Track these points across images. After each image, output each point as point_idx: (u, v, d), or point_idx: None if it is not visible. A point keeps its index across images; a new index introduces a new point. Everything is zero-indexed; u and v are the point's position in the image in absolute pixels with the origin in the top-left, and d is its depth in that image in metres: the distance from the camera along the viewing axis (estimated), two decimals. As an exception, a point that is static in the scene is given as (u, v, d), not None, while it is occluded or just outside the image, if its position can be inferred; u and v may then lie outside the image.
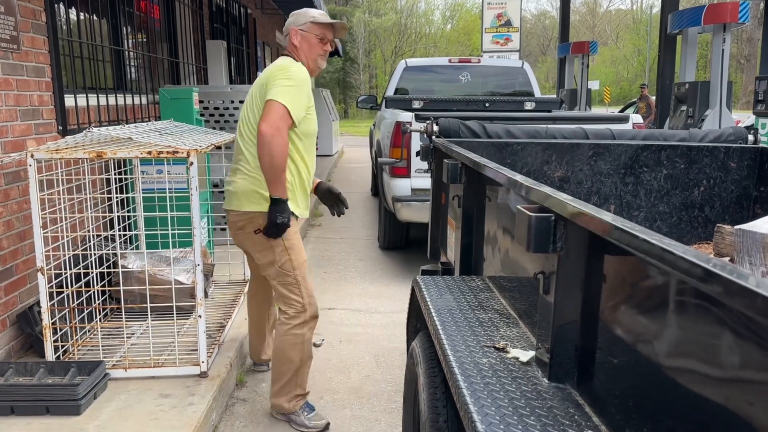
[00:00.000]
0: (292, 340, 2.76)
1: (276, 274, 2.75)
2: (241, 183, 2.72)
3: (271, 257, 2.73)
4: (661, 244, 0.87)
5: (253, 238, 2.73)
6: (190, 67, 6.61)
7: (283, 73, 2.65)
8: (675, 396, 0.95)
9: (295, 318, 2.76)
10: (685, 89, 8.40)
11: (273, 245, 2.70)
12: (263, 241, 2.70)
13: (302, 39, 2.79)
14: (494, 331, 1.62)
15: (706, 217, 2.88)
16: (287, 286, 2.75)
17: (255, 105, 2.70)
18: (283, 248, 2.71)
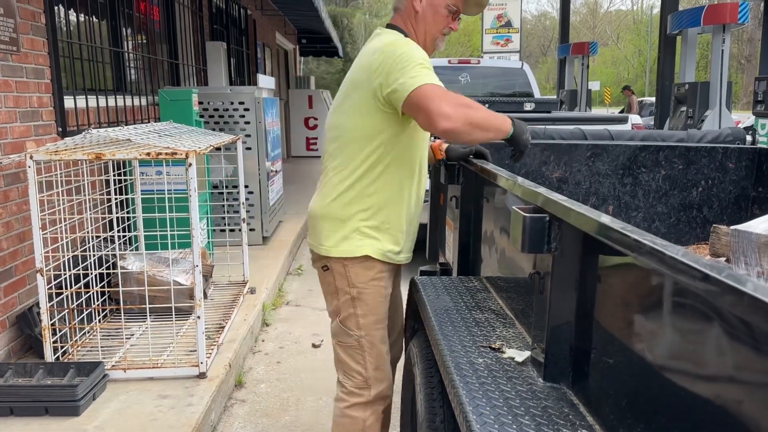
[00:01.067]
0: (349, 425, 2.08)
1: (336, 331, 2.08)
2: (315, 204, 2.06)
3: (335, 305, 2.06)
4: (653, 244, 0.87)
5: (320, 275, 2.10)
6: (189, 68, 6.62)
7: (400, 53, 1.84)
8: (669, 396, 0.95)
9: (353, 395, 2.07)
10: (685, 90, 8.40)
11: (338, 289, 2.03)
12: (330, 282, 2.05)
13: (428, 4, 1.99)
14: (490, 332, 1.62)
15: (705, 217, 2.88)
16: (347, 350, 2.06)
17: (349, 104, 1.98)
18: (350, 297, 2.02)
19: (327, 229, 2.01)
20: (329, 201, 2.00)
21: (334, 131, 2.03)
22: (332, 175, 2.01)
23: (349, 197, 1.98)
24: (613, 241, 1.00)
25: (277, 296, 4.66)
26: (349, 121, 1.98)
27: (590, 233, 1.09)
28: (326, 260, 2.03)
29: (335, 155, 2.01)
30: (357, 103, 1.96)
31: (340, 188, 1.98)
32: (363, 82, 1.93)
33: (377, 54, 1.90)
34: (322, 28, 13.05)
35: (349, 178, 1.98)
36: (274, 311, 4.39)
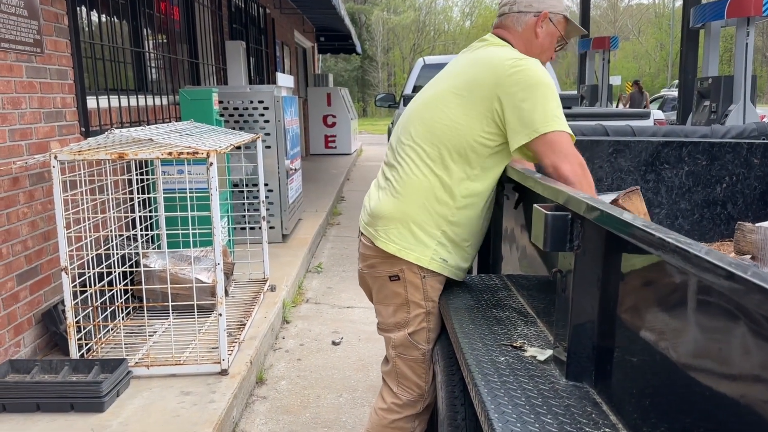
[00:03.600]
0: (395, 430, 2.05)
1: (402, 343, 1.99)
2: (387, 203, 1.93)
3: (402, 318, 1.97)
4: (677, 242, 0.86)
5: (384, 284, 1.97)
6: (209, 67, 6.67)
7: (529, 72, 1.80)
8: (693, 395, 0.94)
9: (407, 407, 2.03)
10: (708, 84, 8.27)
11: (410, 302, 1.94)
12: (399, 293, 1.95)
13: (547, 32, 1.97)
14: (512, 330, 1.62)
15: (729, 214, 2.84)
16: (410, 363, 2.00)
17: (470, 110, 1.85)
18: (424, 312, 1.95)
19: (410, 234, 1.90)
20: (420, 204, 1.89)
21: (435, 129, 1.89)
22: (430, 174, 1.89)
23: (437, 206, 1.88)
24: (636, 239, 0.99)
25: (297, 294, 4.69)
26: (460, 121, 1.85)
27: (613, 231, 1.08)
28: (398, 270, 1.92)
29: (425, 154, 1.89)
30: (475, 106, 1.84)
31: (438, 193, 1.88)
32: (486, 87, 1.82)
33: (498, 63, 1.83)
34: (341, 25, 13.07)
35: (437, 181, 1.88)
36: (294, 309, 4.41)
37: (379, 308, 2.04)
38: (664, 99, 16.86)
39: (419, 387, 2.01)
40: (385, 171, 2.02)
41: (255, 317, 3.70)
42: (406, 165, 1.93)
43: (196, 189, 3.83)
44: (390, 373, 2.06)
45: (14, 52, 3.04)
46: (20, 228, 3.07)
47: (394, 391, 2.05)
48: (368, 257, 1.99)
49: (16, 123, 3.05)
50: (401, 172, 1.93)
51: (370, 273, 2.00)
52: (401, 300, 1.95)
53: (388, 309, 2.00)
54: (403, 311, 1.96)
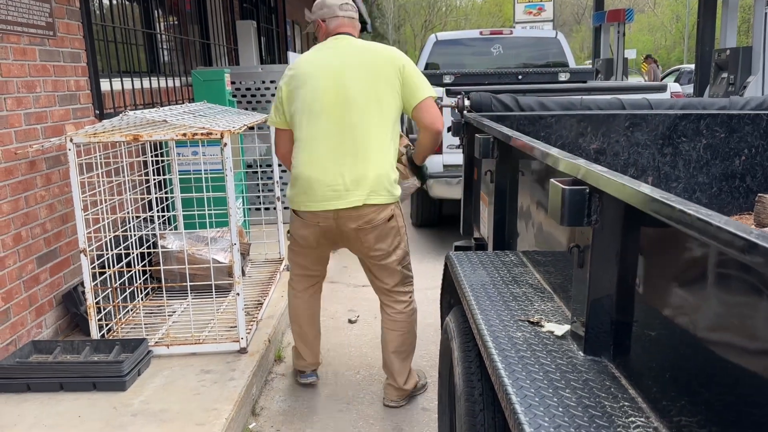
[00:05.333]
0: (415, 316, 2.82)
1: (402, 256, 2.73)
2: (373, 171, 2.56)
3: (398, 240, 2.69)
4: (698, 214, 0.85)
5: (384, 226, 2.62)
6: (221, 48, 6.65)
7: (409, 63, 2.66)
8: (713, 369, 0.94)
9: (412, 294, 2.81)
10: (726, 56, 8.13)
11: (399, 227, 2.69)
12: (394, 225, 2.66)
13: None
14: (528, 306, 1.61)
15: (748, 187, 2.80)
16: (407, 266, 2.76)
17: (390, 88, 2.58)
18: (404, 225, 2.76)
19: (389, 185, 2.61)
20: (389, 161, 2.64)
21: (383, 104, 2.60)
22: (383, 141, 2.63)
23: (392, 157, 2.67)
24: (655, 212, 0.98)
25: (312, 273, 4.71)
26: (392, 97, 2.61)
27: (632, 204, 1.07)
28: (391, 210, 2.62)
29: (382, 125, 2.61)
30: (393, 88, 2.61)
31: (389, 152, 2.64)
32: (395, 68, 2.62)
33: (400, 56, 2.67)
34: (351, 3, 12.93)
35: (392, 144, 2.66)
36: (310, 288, 4.44)
37: (381, 247, 2.66)
38: (681, 72, 16.60)
39: (412, 278, 2.82)
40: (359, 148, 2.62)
41: (272, 296, 3.73)
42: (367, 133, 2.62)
43: (210, 170, 3.85)
44: (399, 284, 2.75)
45: (27, 35, 3.05)
46: (38, 211, 3.10)
47: (404, 291, 2.77)
48: (379, 217, 2.59)
49: (31, 107, 3.07)
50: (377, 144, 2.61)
51: (379, 228, 2.61)
52: (396, 231, 2.68)
53: (387, 243, 2.66)
54: (397, 237, 2.70)
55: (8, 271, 2.87)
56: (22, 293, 2.96)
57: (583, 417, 1.08)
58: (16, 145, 2.94)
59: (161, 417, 2.46)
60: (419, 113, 2.63)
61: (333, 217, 2.56)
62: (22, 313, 2.95)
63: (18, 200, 2.95)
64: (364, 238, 2.62)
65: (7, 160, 2.87)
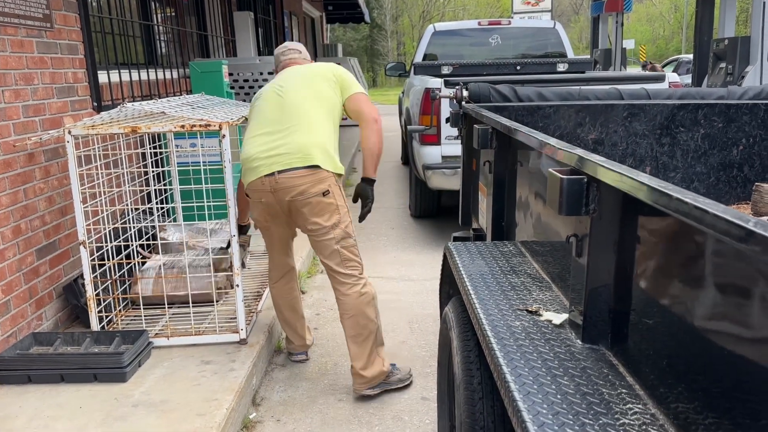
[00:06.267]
0: (366, 299, 2.78)
1: (341, 237, 2.73)
2: (310, 138, 2.69)
3: (336, 218, 2.71)
4: (696, 203, 0.86)
5: (319, 201, 2.67)
6: (218, 39, 6.63)
7: (345, 71, 2.94)
8: (710, 357, 0.95)
9: (360, 278, 2.79)
10: (724, 45, 8.11)
11: (339, 206, 2.71)
12: (331, 201, 2.69)
13: None
14: (527, 295, 1.63)
15: (745, 176, 2.81)
16: (349, 248, 2.77)
17: (326, 82, 2.82)
18: (347, 209, 2.76)
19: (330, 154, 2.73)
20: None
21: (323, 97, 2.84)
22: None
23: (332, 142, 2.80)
24: (653, 202, 0.99)
25: (312, 264, 4.72)
26: (327, 93, 2.84)
27: (630, 194, 1.08)
28: (327, 184, 2.66)
29: (322, 111, 2.81)
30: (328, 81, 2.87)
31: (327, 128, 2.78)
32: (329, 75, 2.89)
33: (331, 67, 2.93)
34: (349, -7, 12.90)
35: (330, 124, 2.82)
36: (309, 279, 4.45)
37: (316, 221, 2.70)
38: (679, 62, 16.57)
39: (359, 262, 2.81)
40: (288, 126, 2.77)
41: (271, 288, 3.74)
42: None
43: (209, 162, 3.85)
44: (339, 265, 2.77)
45: (24, 27, 3.04)
46: (37, 203, 3.10)
47: (345, 273, 2.77)
48: (305, 185, 2.64)
49: (29, 99, 3.06)
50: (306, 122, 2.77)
51: (305, 198, 2.66)
52: (334, 207, 2.71)
53: (323, 218, 2.70)
54: (336, 214, 2.71)
55: (8, 263, 2.87)
56: (22, 285, 2.97)
57: (581, 404, 1.09)
58: (15, 137, 2.94)
59: (162, 407, 2.47)
60: (352, 104, 2.83)
61: (270, 189, 2.67)
62: (22, 306, 2.96)
63: (17, 192, 2.95)
64: (299, 210, 2.69)
65: (5, 152, 2.87)
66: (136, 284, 3.29)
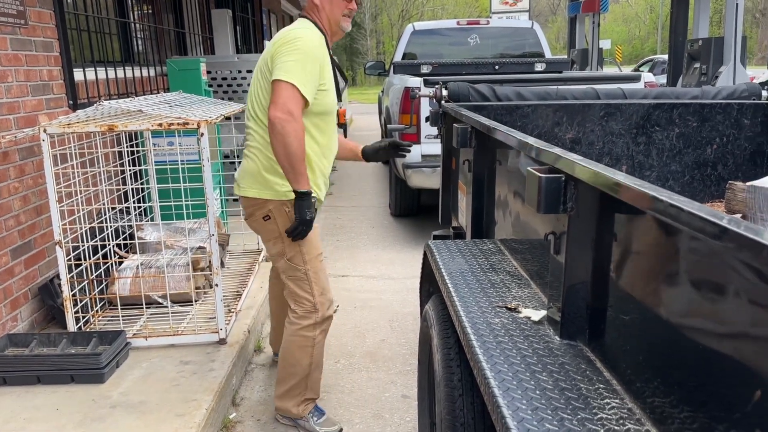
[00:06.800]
0: (301, 342, 2.48)
1: (285, 268, 2.45)
2: (246, 164, 2.44)
3: (280, 248, 2.43)
4: (670, 201, 0.88)
5: (262, 225, 2.44)
6: (196, 37, 6.57)
7: (289, 45, 2.26)
8: (685, 352, 0.97)
9: (304, 318, 2.47)
10: (699, 46, 8.25)
11: (282, 235, 2.40)
12: (273, 229, 2.41)
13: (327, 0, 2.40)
14: (506, 292, 1.64)
15: (719, 175, 2.87)
16: (297, 282, 2.45)
17: (263, 79, 2.35)
18: (298, 246, 2.42)
19: (269, 179, 2.38)
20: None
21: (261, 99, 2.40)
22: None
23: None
24: (629, 199, 1.00)
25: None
26: (266, 87, 2.35)
27: (606, 192, 1.10)
28: (267, 210, 2.38)
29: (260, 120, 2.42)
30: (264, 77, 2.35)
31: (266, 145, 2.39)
32: (268, 57, 2.34)
33: (283, 35, 2.33)
34: (328, -8, 12.85)
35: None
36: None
37: (266, 245, 2.51)
38: (654, 62, 16.80)
39: (309, 300, 2.46)
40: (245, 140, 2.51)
41: (251, 287, 3.72)
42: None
43: (186, 160, 3.81)
44: (288, 295, 2.51)
45: (-3, 24, 2.99)
46: (12, 203, 3.05)
47: (293, 307, 2.49)
48: (246, 208, 2.47)
49: (3, 97, 3.01)
50: (251, 138, 2.45)
51: (252, 220, 2.47)
52: (276, 234, 2.41)
53: (269, 244, 2.47)
54: (279, 242, 2.42)
55: (-19, 264, 2.82)
56: (-4, 286, 2.92)
57: (559, 399, 1.11)
58: (-12, 135, 2.89)
59: (140, 408, 2.45)
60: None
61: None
62: (-4, 307, 2.91)
63: (-10, 192, 2.90)
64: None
65: (-22, 151, 2.82)
66: (113, 284, 3.25)
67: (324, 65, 2.34)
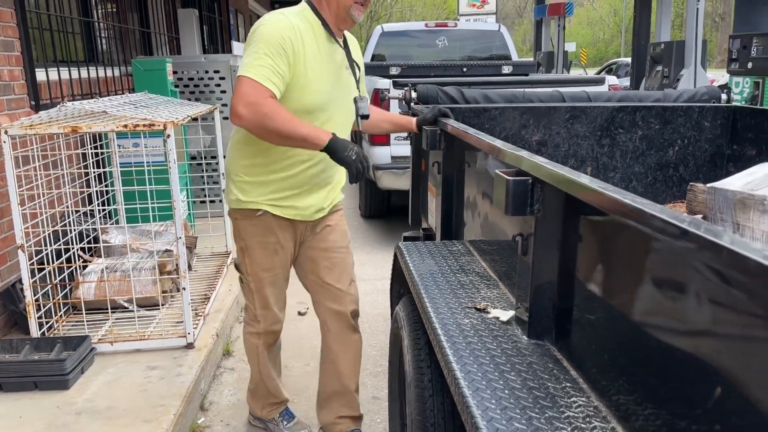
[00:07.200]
0: (248, 345, 2.49)
1: (242, 287, 2.44)
2: (228, 167, 2.33)
3: (239, 256, 2.38)
4: (633, 203, 0.90)
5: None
6: (162, 37, 6.48)
7: (249, 39, 2.03)
8: (649, 350, 0.99)
9: (248, 324, 2.46)
10: (661, 49, 8.44)
11: (235, 238, 2.34)
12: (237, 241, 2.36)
13: None
14: (475, 293, 1.66)
15: (681, 176, 2.94)
16: (242, 288, 2.44)
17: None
18: (240, 247, 2.34)
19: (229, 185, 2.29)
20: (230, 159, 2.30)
21: None
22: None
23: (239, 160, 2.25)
24: (593, 201, 1.03)
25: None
26: None
27: (571, 194, 1.12)
28: (234, 218, 2.31)
29: None
30: None
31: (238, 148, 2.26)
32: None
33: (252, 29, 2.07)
34: (296, -8, 12.80)
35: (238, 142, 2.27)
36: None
37: None
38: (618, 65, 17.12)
39: (251, 310, 2.41)
40: None
41: (219, 290, 3.69)
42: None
43: (152, 162, 3.76)
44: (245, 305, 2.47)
45: (-45, 22, 2.91)
46: (-29, 206, 2.97)
47: (243, 309, 2.47)
48: None
49: (-39, 97, 2.93)
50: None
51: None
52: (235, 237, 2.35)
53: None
54: (238, 250, 2.36)
55: (-61, 269, 2.74)
56: (-45, 292, 2.84)
57: (527, 398, 1.13)
58: (-55, 137, 2.80)
59: (107, 415, 2.41)
60: None
61: None
62: (-45, 313, 2.83)
63: (-52, 195, 2.81)
64: None
65: (-65, 153, 2.74)
66: (77, 288, 3.19)
67: (308, 49, 2.03)
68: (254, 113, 1.92)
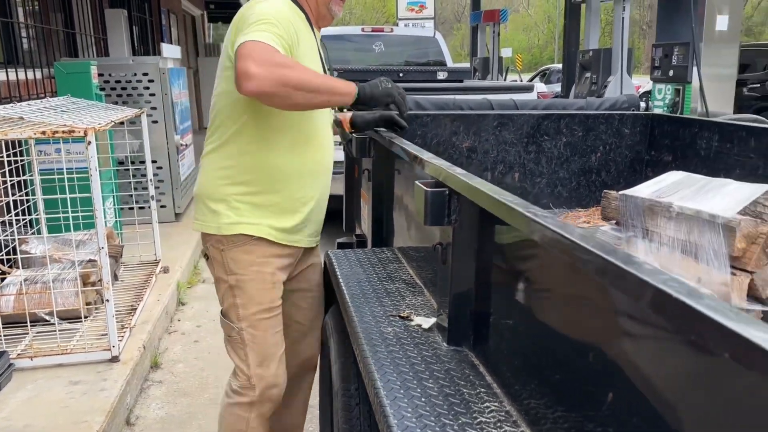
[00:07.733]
0: (232, 421, 1.93)
1: (221, 323, 1.94)
2: (197, 186, 1.93)
3: (220, 295, 1.92)
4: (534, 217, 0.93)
5: (212, 272, 1.94)
6: (88, 38, 6.27)
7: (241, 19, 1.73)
8: (558, 355, 1.03)
9: (238, 394, 1.91)
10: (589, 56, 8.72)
11: (218, 277, 1.89)
12: (212, 270, 1.92)
13: None
14: (400, 301, 1.67)
15: (603, 181, 3.05)
16: (231, 344, 1.91)
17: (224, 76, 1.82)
18: (228, 286, 1.87)
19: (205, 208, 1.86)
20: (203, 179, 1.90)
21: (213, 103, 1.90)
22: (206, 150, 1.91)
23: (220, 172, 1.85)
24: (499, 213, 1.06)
25: (192, 274, 4.58)
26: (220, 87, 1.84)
27: (481, 206, 1.15)
28: (205, 246, 1.88)
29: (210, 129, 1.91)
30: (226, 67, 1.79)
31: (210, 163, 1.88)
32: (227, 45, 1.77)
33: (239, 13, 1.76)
34: (231, -7, 12.62)
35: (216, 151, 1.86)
36: (189, 290, 4.31)
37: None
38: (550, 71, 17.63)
39: (243, 372, 1.88)
40: None
41: (147, 301, 3.59)
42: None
43: (76, 168, 3.62)
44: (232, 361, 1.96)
45: None
46: None
47: (230, 377, 1.96)
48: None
49: None
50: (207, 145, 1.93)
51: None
52: (215, 275, 1.90)
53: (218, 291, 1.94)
54: (218, 286, 1.91)
55: None
56: None
57: (443, 405, 1.15)
58: None
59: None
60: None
61: None
62: None
63: None
64: None
65: None
66: (-6, 302, 3.04)
67: (301, 38, 1.79)
68: (270, 67, 1.56)
